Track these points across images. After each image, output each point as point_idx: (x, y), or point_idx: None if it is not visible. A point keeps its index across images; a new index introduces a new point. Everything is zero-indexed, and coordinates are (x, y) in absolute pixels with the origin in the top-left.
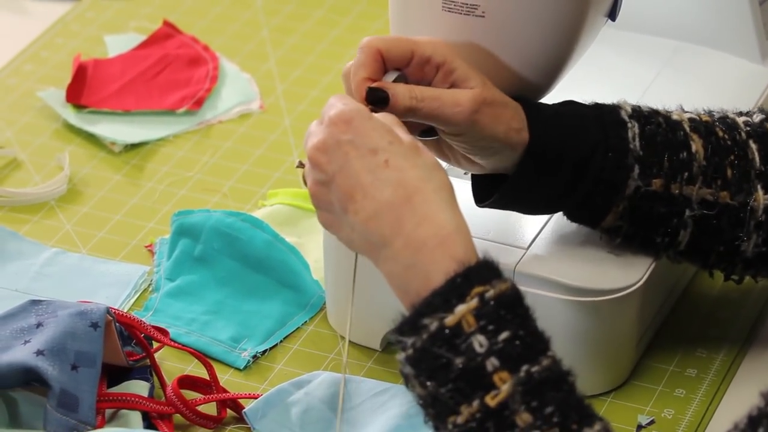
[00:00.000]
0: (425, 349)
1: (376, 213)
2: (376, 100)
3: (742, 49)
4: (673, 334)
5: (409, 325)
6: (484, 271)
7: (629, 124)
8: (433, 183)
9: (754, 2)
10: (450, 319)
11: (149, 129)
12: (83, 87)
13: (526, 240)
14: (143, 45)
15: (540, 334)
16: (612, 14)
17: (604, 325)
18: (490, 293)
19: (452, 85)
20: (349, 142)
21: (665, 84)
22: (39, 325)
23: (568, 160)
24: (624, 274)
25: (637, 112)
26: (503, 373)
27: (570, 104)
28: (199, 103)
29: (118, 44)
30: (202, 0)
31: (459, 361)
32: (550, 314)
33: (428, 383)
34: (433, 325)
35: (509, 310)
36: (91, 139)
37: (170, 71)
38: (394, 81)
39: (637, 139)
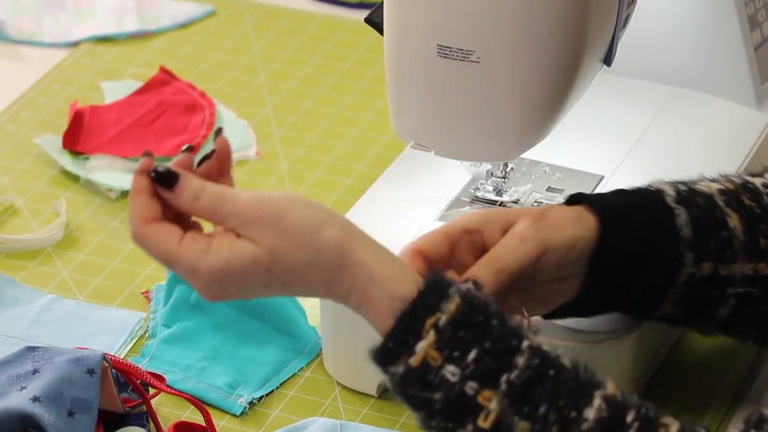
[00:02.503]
0: (403, 393)
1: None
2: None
3: (738, 94)
4: (667, 381)
5: (383, 371)
6: (429, 298)
7: (676, 211)
8: (320, 264)
9: (749, 47)
10: (414, 360)
11: None
12: (80, 133)
13: None
14: (140, 91)
15: (505, 334)
16: (607, 59)
17: (600, 369)
18: (443, 320)
19: (507, 225)
20: (235, 294)
21: (661, 129)
22: (35, 371)
23: (630, 256)
24: (620, 316)
25: (681, 196)
26: (486, 392)
27: (621, 195)
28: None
29: (114, 91)
30: (198, 46)
31: (438, 396)
32: None
33: (417, 414)
34: (401, 369)
35: (467, 328)
36: (88, 185)
37: (166, 118)
38: None
39: (687, 227)
